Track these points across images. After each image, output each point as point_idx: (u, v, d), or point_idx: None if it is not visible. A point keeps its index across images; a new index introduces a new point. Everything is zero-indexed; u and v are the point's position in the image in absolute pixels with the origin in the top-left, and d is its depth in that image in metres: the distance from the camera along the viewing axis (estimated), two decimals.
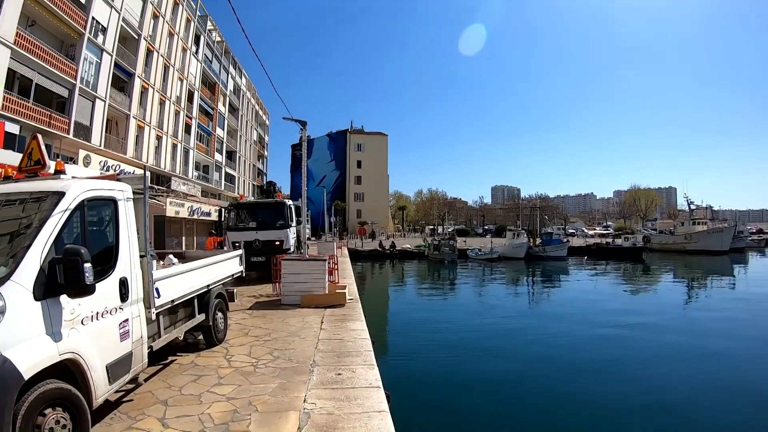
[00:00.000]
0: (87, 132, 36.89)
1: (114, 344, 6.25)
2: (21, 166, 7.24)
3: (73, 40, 35.88)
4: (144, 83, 46.14)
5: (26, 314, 4.94)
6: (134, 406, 6.94)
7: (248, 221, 23.29)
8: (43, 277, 5.16)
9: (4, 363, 4.46)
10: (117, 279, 6.45)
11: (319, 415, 6.28)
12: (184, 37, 55.49)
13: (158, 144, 50.23)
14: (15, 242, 5.56)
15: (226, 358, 9.39)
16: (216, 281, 10.67)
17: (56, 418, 4.97)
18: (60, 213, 5.67)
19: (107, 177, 7.77)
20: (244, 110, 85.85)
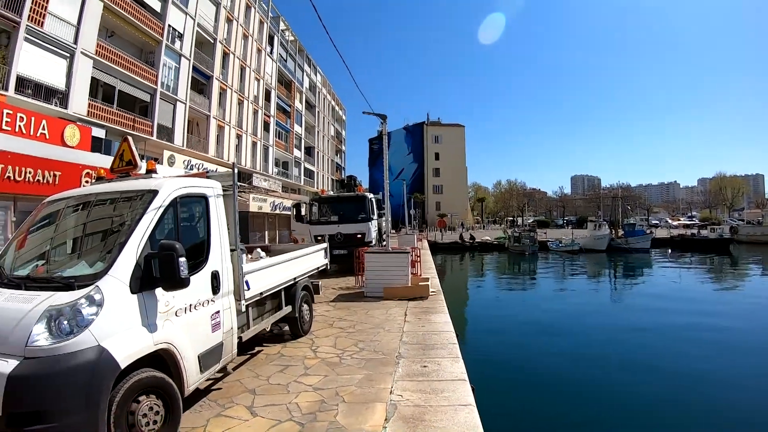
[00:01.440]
0: (170, 133, 38.48)
1: (206, 335, 6.44)
2: (113, 167, 7.56)
3: (151, 47, 37.46)
4: (222, 85, 47.51)
5: (123, 307, 5.16)
6: (223, 394, 7.12)
7: (330, 215, 23.42)
8: (139, 272, 5.38)
9: (101, 353, 4.72)
10: (209, 272, 6.62)
11: (406, 407, 6.21)
12: (258, 38, 56.65)
13: (238, 142, 51.63)
14: (112, 239, 5.87)
15: (312, 349, 9.45)
16: (302, 274, 10.80)
17: (150, 405, 5.18)
18: (154, 210, 5.87)
19: (197, 175, 8.01)
20: (320, 106, 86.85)
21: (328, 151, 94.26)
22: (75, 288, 5.03)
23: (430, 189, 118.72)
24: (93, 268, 5.44)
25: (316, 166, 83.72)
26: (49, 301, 4.88)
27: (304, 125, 76.80)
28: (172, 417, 5.46)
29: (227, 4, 48.21)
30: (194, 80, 42.41)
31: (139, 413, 5.06)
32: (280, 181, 57.10)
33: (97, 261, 5.56)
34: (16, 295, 5.28)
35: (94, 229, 6.66)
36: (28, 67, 26.28)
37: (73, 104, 28.88)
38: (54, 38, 27.79)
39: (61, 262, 6.31)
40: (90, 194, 7.01)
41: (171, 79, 39.03)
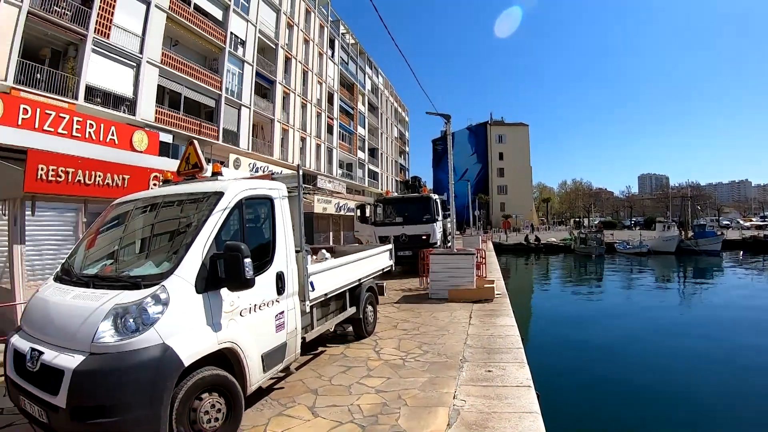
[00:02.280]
0: (235, 137, 39.46)
1: (270, 335, 6.49)
2: (180, 170, 7.74)
3: (215, 54, 38.69)
4: (285, 89, 48.34)
5: (188, 306, 5.27)
6: (285, 393, 7.15)
7: (395, 216, 23.39)
8: (205, 272, 5.48)
9: (166, 351, 4.85)
10: (274, 273, 6.67)
11: (469, 413, 6.05)
12: (318, 42, 57.32)
13: (302, 145, 52.43)
14: (178, 239, 6.02)
15: (375, 351, 9.38)
16: (367, 275, 10.76)
17: (212, 402, 5.30)
18: (220, 211, 5.98)
19: (262, 177, 8.30)
20: (383, 108, 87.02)
21: (392, 153, 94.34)
22: (141, 287, 5.14)
23: (495, 189, 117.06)
24: (159, 267, 5.55)
25: (380, 168, 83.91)
26: (116, 300, 5.01)
27: (367, 127, 77.18)
28: (233, 415, 5.55)
29: (287, 10, 49.04)
30: (258, 85, 43.40)
31: (201, 410, 5.17)
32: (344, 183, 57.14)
33: (164, 261, 5.66)
34: (84, 293, 5.45)
35: (161, 230, 6.83)
36: (96, 76, 27.71)
37: (141, 111, 30.21)
38: (120, 49, 29.25)
39: (128, 261, 6.50)
40: (157, 196, 7.22)
41: (235, 85, 40.08)
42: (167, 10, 32.71)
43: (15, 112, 17.32)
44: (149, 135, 22.01)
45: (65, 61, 27.60)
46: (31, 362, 5.08)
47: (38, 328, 5.56)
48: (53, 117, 18.21)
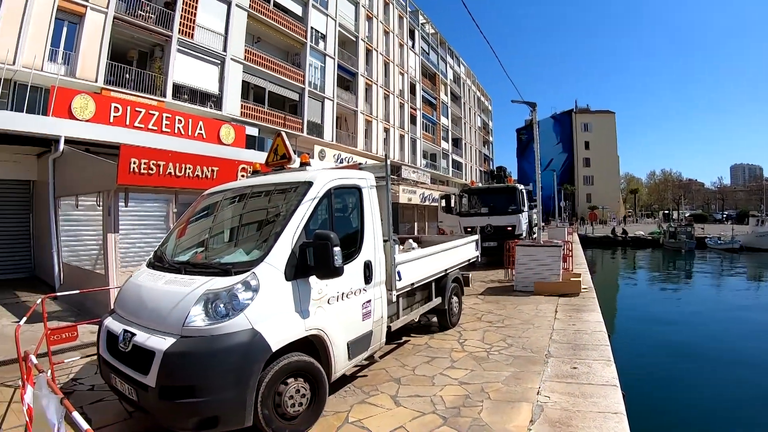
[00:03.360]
0: (319, 129, 40.19)
1: (356, 323, 6.56)
2: (268, 161, 8.01)
3: (296, 49, 39.57)
4: (367, 81, 48.74)
5: (277, 293, 5.42)
6: (368, 381, 7.23)
7: (480, 207, 23.18)
8: (294, 260, 5.61)
9: (254, 336, 5.02)
10: (362, 262, 6.73)
11: (553, 410, 5.90)
12: (398, 33, 57.26)
13: (386, 136, 52.77)
14: (268, 228, 6.22)
15: (459, 342, 9.30)
16: (453, 266, 10.68)
17: (297, 388, 5.43)
18: (309, 201, 6.08)
19: (350, 167, 8.33)
20: (465, 97, 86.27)
21: (476, 143, 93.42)
22: (232, 274, 5.33)
23: (580, 180, 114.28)
24: (249, 255, 5.73)
25: (464, 158, 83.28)
26: (207, 285, 5.22)
27: (450, 117, 76.73)
28: (317, 400, 5.66)
29: (366, 3, 49.38)
30: (340, 78, 43.93)
31: (286, 395, 5.30)
32: (428, 173, 57.39)
33: (254, 249, 5.85)
34: (176, 278, 5.73)
35: (251, 219, 7.10)
36: (182, 75, 29.12)
37: (227, 106, 31.47)
38: (204, 48, 30.58)
39: (218, 249, 6.82)
40: (246, 186, 7.53)
41: (318, 78, 40.77)
42: (248, 9, 33.71)
43: (107, 110, 18.15)
44: (235, 129, 23.02)
45: (152, 62, 29.20)
46: (123, 343, 5.36)
47: (131, 311, 5.86)
48: (143, 114, 19.17)
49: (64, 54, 24.38)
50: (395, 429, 5.61)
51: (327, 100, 41.39)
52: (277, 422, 5.20)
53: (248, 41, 34.32)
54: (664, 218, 73.91)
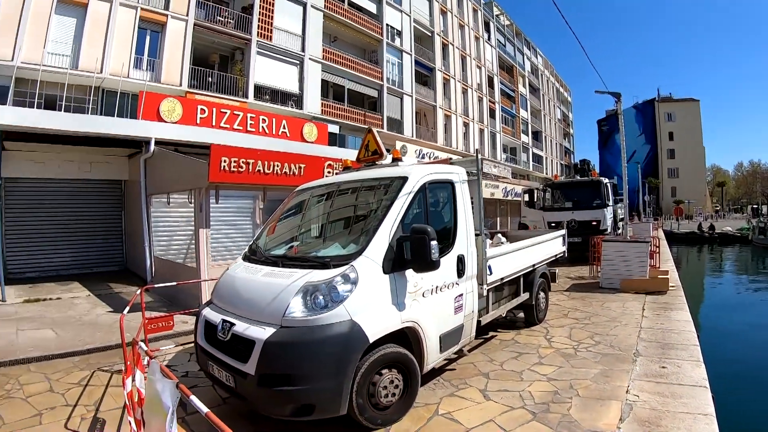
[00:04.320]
0: (399, 125, 40.53)
1: (448, 317, 6.61)
2: (359, 157, 8.14)
3: (373, 46, 40.11)
4: (445, 75, 48.61)
5: (375, 286, 5.52)
6: (457, 375, 7.25)
7: (563, 201, 22.79)
8: (392, 253, 5.71)
9: (353, 327, 5.13)
10: (455, 256, 6.78)
11: (642, 409, 5.80)
12: (474, 26, 56.83)
13: (465, 130, 52.55)
14: (365, 222, 6.35)
15: (546, 339, 9.23)
16: (541, 261, 10.60)
17: (390, 378, 5.53)
18: (405, 195, 6.16)
19: (442, 161, 8.49)
20: (544, 89, 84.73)
21: (556, 135, 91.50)
22: (330, 267, 5.48)
23: (665, 173, 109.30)
24: (347, 249, 5.88)
25: (544, 151, 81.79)
26: (307, 278, 5.37)
27: (529, 109, 75.47)
28: (409, 392, 5.76)
29: None
30: (418, 73, 44.12)
31: (380, 385, 5.41)
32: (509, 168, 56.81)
33: (351, 243, 5.99)
34: (274, 271, 5.94)
35: (346, 214, 7.23)
36: (263, 76, 30.33)
37: (308, 105, 32.42)
38: (283, 49, 31.72)
39: (314, 243, 7.01)
40: (340, 182, 7.58)
41: (395, 74, 41.14)
42: (323, 9, 34.54)
43: (193, 112, 18.91)
44: (318, 126, 23.50)
45: (233, 64, 30.60)
46: (222, 332, 5.61)
47: (229, 302, 6.12)
48: (228, 115, 19.85)
49: (149, 61, 25.92)
50: (485, 422, 5.63)
51: (406, 96, 41.60)
52: (370, 411, 5.33)
53: (325, 41, 35.03)
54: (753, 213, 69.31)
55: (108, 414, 6.36)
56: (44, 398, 7.02)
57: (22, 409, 6.64)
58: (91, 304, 13.37)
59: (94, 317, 11.83)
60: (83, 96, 23.22)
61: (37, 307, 13.00)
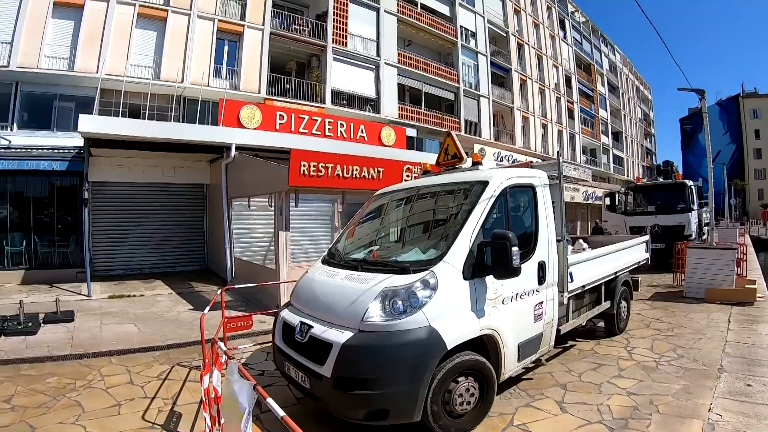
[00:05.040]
0: (476, 128, 40.13)
1: (528, 325, 6.53)
2: (439, 161, 8.17)
3: (448, 49, 39.90)
4: (521, 76, 47.76)
5: (454, 292, 5.50)
6: (533, 384, 7.17)
7: (646, 205, 22.11)
8: (472, 259, 5.67)
9: (431, 333, 5.12)
10: (536, 262, 6.67)
11: (724, 430, 5.56)
12: (548, 25, 55.55)
13: (544, 132, 51.40)
14: (445, 227, 6.37)
15: (627, 350, 8.99)
16: (623, 268, 10.27)
17: (466, 386, 5.48)
18: (486, 200, 6.11)
19: (523, 165, 8.35)
20: (623, 87, 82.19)
21: (637, 135, 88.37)
22: (410, 272, 5.51)
23: (751, 174, 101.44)
24: (427, 254, 5.90)
25: (625, 152, 79.18)
26: (386, 283, 5.43)
27: (609, 109, 73.23)
28: (484, 401, 5.70)
29: None
30: (494, 74, 43.61)
31: (456, 392, 5.37)
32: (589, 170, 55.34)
33: (431, 248, 6.00)
34: (353, 275, 6.02)
35: (425, 219, 7.31)
36: (339, 81, 30.83)
37: (385, 109, 32.59)
38: (358, 54, 32.12)
39: (393, 248, 7.08)
40: (419, 186, 7.68)
41: (471, 77, 40.81)
42: (396, 14, 34.70)
43: (272, 118, 19.43)
44: (396, 130, 23.75)
45: (310, 71, 31.20)
46: (300, 334, 5.74)
47: (308, 304, 6.23)
48: (306, 120, 20.36)
49: (228, 69, 26.96)
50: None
51: (482, 98, 41.19)
52: (444, 419, 5.29)
53: (400, 45, 35.16)
54: None
55: (184, 408, 6.65)
56: (124, 390, 7.44)
57: (103, 399, 7.06)
58: (172, 301, 14.10)
59: (175, 314, 12.44)
60: (165, 104, 24.34)
61: (121, 303, 13.85)
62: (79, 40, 23.02)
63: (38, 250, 18.13)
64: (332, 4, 30.98)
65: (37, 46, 22.18)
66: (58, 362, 8.82)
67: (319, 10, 31.52)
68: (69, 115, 22.42)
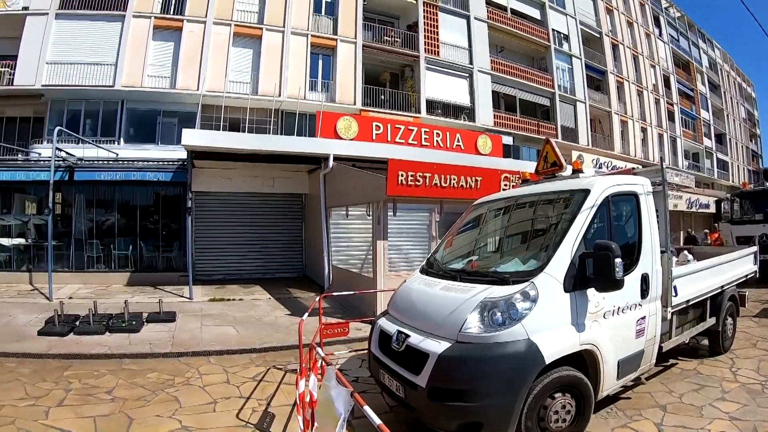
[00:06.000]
0: (574, 134, 39.20)
1: (628, 340, 6.29)
2: (538, 170, 8.07)
3: (541, 53, 39.27)
4: (618, 78, 46.20)
5: (555, 304, 5.41)
6: (631, 404, 6.92)
7: (753, 213, 20.80)
8: (573, 271, 5.56)
9: (530, 346, 5.05)
10: (639, 275, 6.43)
11: None
12: (642, 23, 53.32)
13: (643, 136, 49.39)
14: (545, 237, 6.28)
15: (732, 371, 8.53)
16: (730, 282, 9.73)
17: (563, 403, 5.36)
18: (587, 209, 5.97)
19: (624, 172, 8.28)
20: (725, 85, 77.63)
21: (741, 137, 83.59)
22: (510, 283, 5.47)
23: None
24: (527, 265, 5.83)
25: (729, 156, 74.67)
26: (485, 294, 5.40)
27: (710, 109, 69.67)
28: (580, 419, 5.56)
29: None
30: (589, 78, 42.47)
31: (552, 409, 5.27)
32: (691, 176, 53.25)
33: (531, 258, 5.93)
34: (452, 285, 6.01)
35: (524, 229, 7.23)
36: (433, 91, 31.12)
37: (480, 117, 32.53)
38: (451, 63, 32.24)
39: (492, 258, 7.07)
40: (518, 195, 7.61)
41: (566, 81, 39.99)
42: (486, 20, 34.52)
43: (369, 129, 19.73)
44: (492, 138, 23.54)
45: (403, 81, 31.71)
46: (396, 343, 5.80)
47: (405, 313, 6.29)
48: (402, 130, 20.52)
49: (323, 83, 28.04)
50: None
51: (579, 103, 40.25)
52: None
53: (492, 51, 34.97)
54: None
55: (278, 409, 6.91)
56: (220, 388, 7.86)
57: (199, 396, 7.50)
58: (270, 306, 14.67)
59: (273, 318, 12.97)
60: (264, 118, 25.65)
61: (221, 306, 14.62)
62: (179, 60, 25.02)
63: (143, 255, 19.70)
64: (422, 14, 31.32)
65: (140, 67, 24.45)
66: (159, 359, 9.48)
67: (410, 21, 31.99)
68: (172, 129, 24.37)
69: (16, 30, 23.96)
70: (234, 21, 26.38)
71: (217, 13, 26.14)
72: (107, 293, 16.29)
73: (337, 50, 28.17)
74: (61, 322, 11.21)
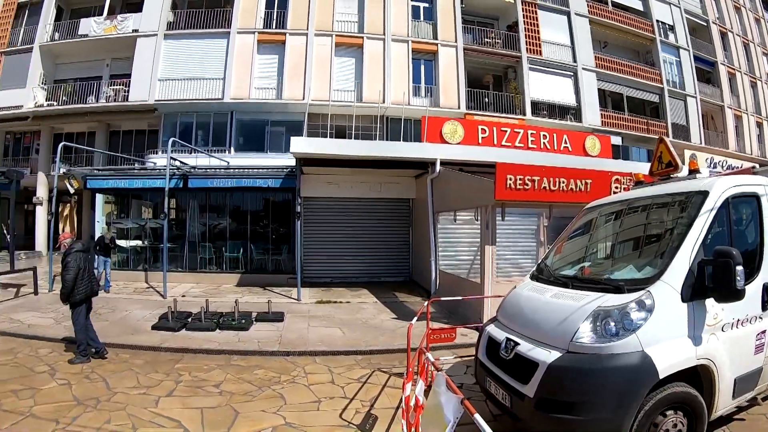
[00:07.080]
0: (685, 131, 37.22)
1: (747, 356, 5.69)
2: (652, 171, 7.53)
3: (646, 46, 37.49)
4: (729, 69, 43.34)
5: (672, 315, 5.05)
6: (746, 427, 6.35)
7: None
8: (692, 279, 5.14)
9: (644, 359, 4.76)
10: (760, 284, 5.76)
11: None
12: (751, 6, 49.30)
13: (759, 131, 45.62)
14: (661, 243, 5.88)
15: None
16: None
17: (674, 421, 5.00)
18: (706, 213, 5.51)
19: (743, 171, 7.70)
20: None
21: None
22: (624, 291, 5.19)
23: None
24: (642, 272, 5.53)
25: None
26: (598, 302, 5.17)
27: None
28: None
29: None
30: (698, 70, 40.08)
31: (662, 427, 4.94)
32: None
33: (647, 265, 5.61)
34: (563, 292, 5.83)
35: (638, 234, 6.76)
36: (538, 91, 30.72)
37: (587, 117, 31.71)
38: (554, 62, 31.71)
39: (606, 264, 6.74)
40: (632, 198, 7.13)
41: (674, 75, 38.07)
42: (587, 15, 33.63)
43: (474, 132, 19.66)
44: (600, 139, 22.97)
45: (507, 83, 31.61)
46: (505, 351, 5.71)
47: (514, 320, 6.16)
48: (509, 133, 20.33)
49: (426, 88, 28.55)
50: None
51: (689, 98, 37.99)
52: None
53: (595, 48, 34.03)
54: None
55: (381, 412, 7.08)
56: (325, 388, 8.17)
57: (304, 394, 7.85)
58: (377, 309, 14.91)
59: (379, 322, 13.21)
60: (369, 124, 26.30)
61: (328, 308, 15.05)
62: (284, 72, 26.50)
63: (253, 257, 20.73)
64: (521, 13, 31.05)
65: (247, 80, 26.24)
66: (266, 357, 9.94)
67: (509, 21, 31.77)
68: (280, 138, 25.90)
69: (128, 51, 26.72)
70: (335, 32, 27.41)
71: (318, 25, 27.26)
72: (218, 293, 17.24)
73: (438, 55, 28.47)
74: (174, 318, 12.04)
